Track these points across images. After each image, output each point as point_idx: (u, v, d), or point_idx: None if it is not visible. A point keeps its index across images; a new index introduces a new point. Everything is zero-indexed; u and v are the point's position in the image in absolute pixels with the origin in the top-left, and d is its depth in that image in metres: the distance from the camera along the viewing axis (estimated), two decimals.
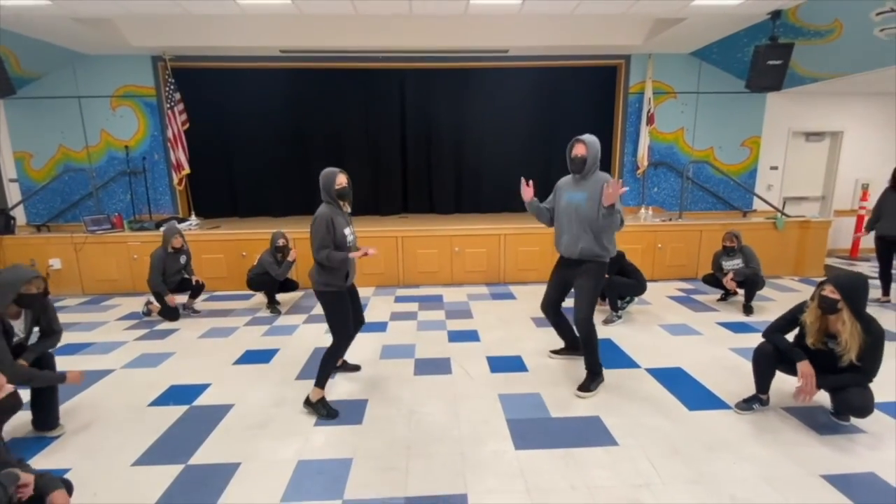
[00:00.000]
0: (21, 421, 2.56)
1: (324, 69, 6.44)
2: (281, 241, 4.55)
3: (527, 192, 3.05)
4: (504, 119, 6.93)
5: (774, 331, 2.64)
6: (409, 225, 6.01)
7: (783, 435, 2.50)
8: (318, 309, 4.16)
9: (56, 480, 1.74)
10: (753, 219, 6.41)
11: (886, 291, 4.80)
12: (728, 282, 4.51)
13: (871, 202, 5.26)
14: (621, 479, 2.15)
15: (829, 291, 2.39)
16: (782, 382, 2.76)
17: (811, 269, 6.03)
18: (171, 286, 4.48)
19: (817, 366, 2.47)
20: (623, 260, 4.32)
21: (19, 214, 6.25)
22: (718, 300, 4.94)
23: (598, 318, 4.27)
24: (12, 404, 1.71)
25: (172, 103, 6.04)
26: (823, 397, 2.63)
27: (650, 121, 6.55)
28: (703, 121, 6.82)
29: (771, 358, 2.59)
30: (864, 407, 2.36)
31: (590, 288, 2.93)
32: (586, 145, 2.86)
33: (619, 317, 4.37)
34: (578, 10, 4.81)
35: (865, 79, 5.64)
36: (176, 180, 6.32)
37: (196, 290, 4.71)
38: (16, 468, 1.64)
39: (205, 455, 2.38)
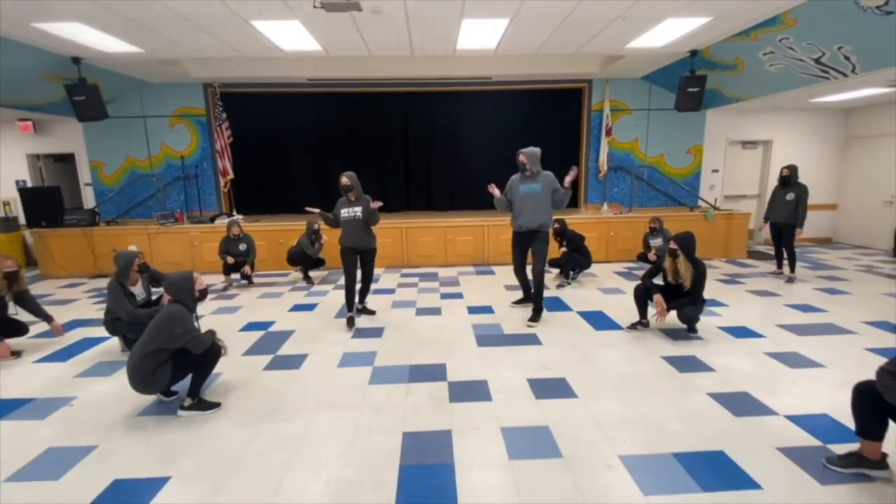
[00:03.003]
0: None
1: (342, 93, 7.93)
2: (316, 226, 6.00)
3: (496, 191, 4.51)
4: (490, 132, 8.36)
5: (647, 275, 4.06)
6: (412, 218, 7.46)
7: (649, 341, 3.91)
8: (343, 280, 5.65)
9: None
10: (694, 213, 7.81)
11: (780, 265, 6.19)
12: (651, 256, 5.93)
13: None
14: (538, 359, 3.57)
15: (672, 244, 3.83)
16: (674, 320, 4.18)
17: (736, 252, 7.45)
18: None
19: (673, 296, 3.89)
20: (581, 242, 5.78)
21: None
22: None
23: (552, 284, 5.73)
24: (206, 293, 3.10)
25: (220, 121, 7.53)
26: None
27: (609, 133, 8.01)
28: (654, 132, 8.26)
29: (643, 292, 4.02)
30: (692, 318, 3.80)
31: (543, 250, 4.38)
32: (525, 155, 4.32)
33: (570, 283, 5.80)
34: (541, 51, 6.28)
35: (782, 98, 7.03)
36: (222, 184, 7.80)
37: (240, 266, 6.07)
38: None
39: (284, 350, 3.83)
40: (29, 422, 2.83)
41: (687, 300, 3.81)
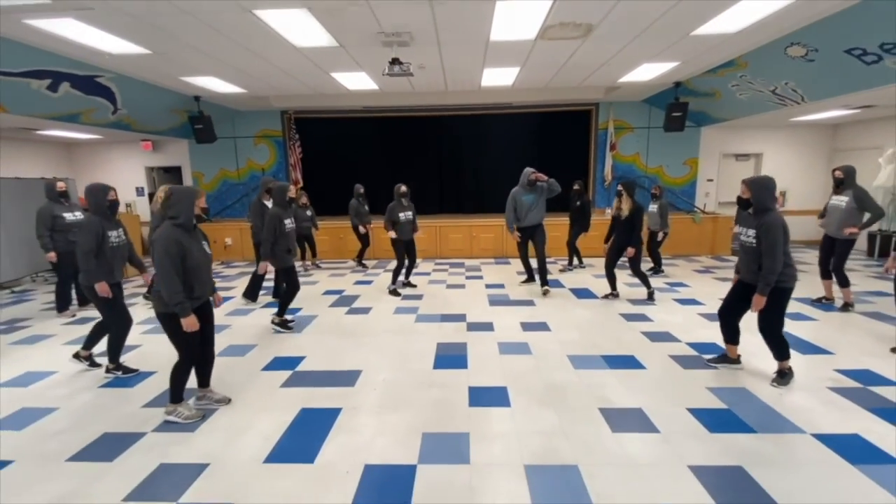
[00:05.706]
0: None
1: (390, 117, 9.72)
2: (362, 189, 7.66)
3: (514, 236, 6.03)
4: (510, 148, 9.91)
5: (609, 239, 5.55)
6: (444, 219, 9.12)
7: (614, 305, 5.37)
8: (391, 266, 7.33)
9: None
10: (689, 215, 9.08)
11: None
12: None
13: (785, 206, 8.51)
14: (531, 313, 5.12)
15: (619, 186, 5.29)
16: (640, 294, 5.63)
17: (720, 249, 8.67)
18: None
19: (622, 232, 5.34)
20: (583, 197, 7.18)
21: None
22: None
23: (554, 269, 7.22)
24: (294, 199, 4.85)
25: (293, 141, 9.47)
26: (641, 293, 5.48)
27: (613, 148, 9.43)
28: (654, 147, 9.60)
29: (610, 265, 5.50)
30: (635, 265, 5.26)
31: (543, 240, 5.86)
32: (542, 175, 5.76)
33: (571, 269, 7.29)
34: (549, 85, 7.82)
35: (764, 117, 8.22)
36: (294, 192, 9.71)
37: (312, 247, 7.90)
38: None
39: (355, 305, 5.54)
40: None
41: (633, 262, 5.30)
